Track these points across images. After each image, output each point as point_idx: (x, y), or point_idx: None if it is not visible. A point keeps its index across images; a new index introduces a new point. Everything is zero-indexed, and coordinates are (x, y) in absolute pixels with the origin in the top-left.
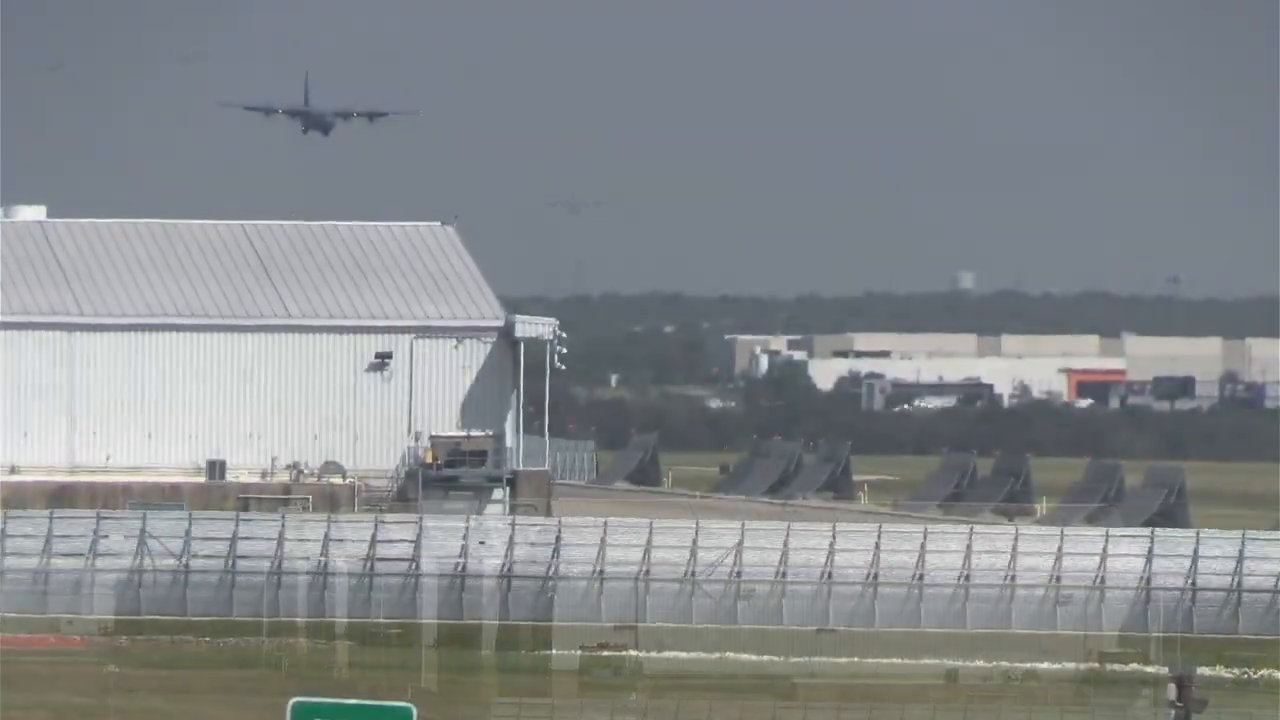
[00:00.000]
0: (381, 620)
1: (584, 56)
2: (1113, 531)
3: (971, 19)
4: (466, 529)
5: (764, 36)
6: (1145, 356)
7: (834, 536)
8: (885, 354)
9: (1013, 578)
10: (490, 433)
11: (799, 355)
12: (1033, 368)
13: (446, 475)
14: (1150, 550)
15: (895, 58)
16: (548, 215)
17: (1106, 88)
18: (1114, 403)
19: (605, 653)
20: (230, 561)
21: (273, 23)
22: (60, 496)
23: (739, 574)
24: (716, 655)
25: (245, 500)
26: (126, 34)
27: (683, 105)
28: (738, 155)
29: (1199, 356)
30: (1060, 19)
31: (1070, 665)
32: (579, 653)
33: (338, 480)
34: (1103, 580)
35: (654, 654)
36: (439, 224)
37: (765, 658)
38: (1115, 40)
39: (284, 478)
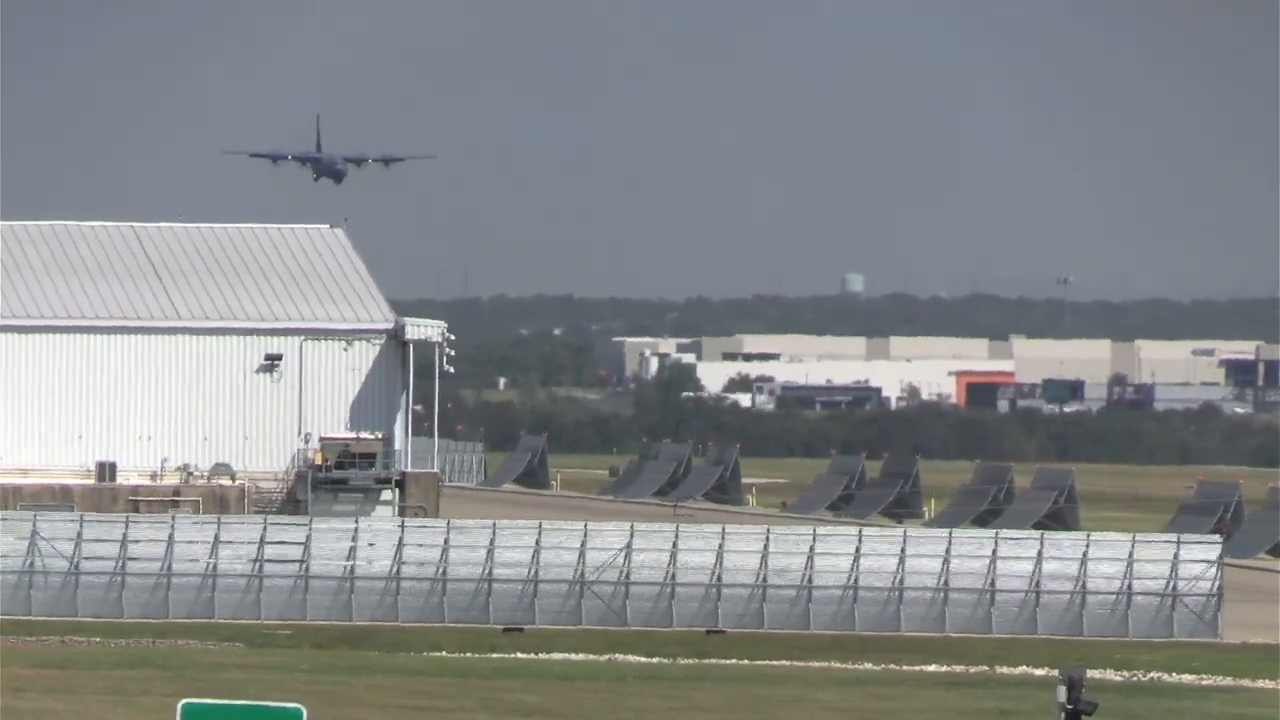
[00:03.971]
0: (270, 622)
1: (478, 56)
2: (1002, 534)
3: (858, 18)
4: (355, 530)
5: (650, 36)
6: (1034, 359)
7: (723, 539)
8: (774, 356)
9: (901, 580)
10: (379, 435)
11: (688, 358)
12: (922, 370)
13: (336, 477)
14: (1040, 553)
15: (782, 58)
16: (437, 218)
17: (993, 89)
18: (1003, 405)
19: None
20: (120, 563)
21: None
22: None
23: (627, 576)
24: (606, 658)
25: (135, 502)
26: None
27: (571, 107)
28: (626, 157)
29: (1088, 359)
30: (951, 21)
31: (959, 668)
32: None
33: (227, 482)
34: (992, 583)
35: (542, 655)
36: (328, 226)
37: (655, 660)
38: (1003, 41)
39: (174, 479)
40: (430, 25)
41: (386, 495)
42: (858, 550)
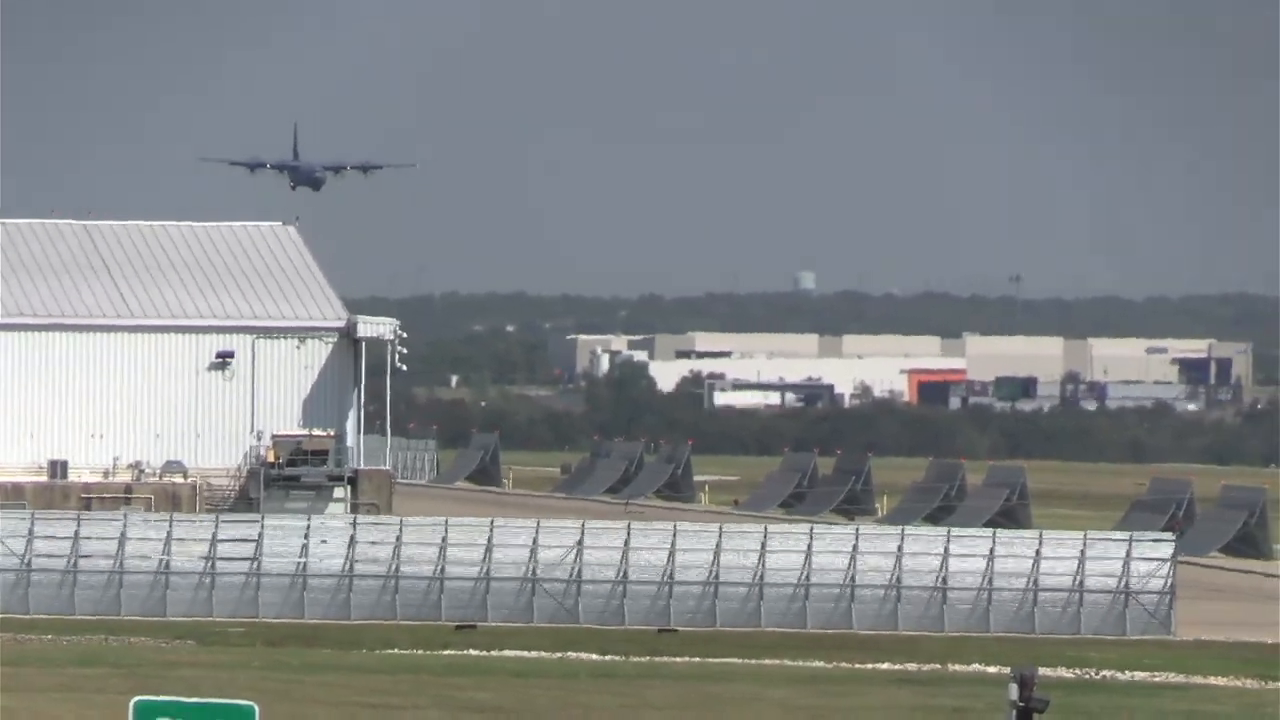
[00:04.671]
0: (223, 619)
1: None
2: (954, 531)
3: (811, 17)
4: (307, 528)
5: (601, 36)
6: (986, 356)
7: (675, 536)
8: (726, 354)
9: (853, 578)
10: (331, 432)
11: (640, 355)
12: (874, 368)
13: (288, 474)
14: (992, 550)
15: (733, 56)
16: (390, 215)
17: (946, 87)
18: (955, 403)
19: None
20: (72, 560)
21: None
22: None
23: (579, 574)
24: (558, 655)
25: (87, 500)
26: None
27: (523, 104)
28: (578, 154)
29: (1040, 356)
30: (903, 20)
31: (911, 666)
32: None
33: (179, 479)
34: (944, 580)
35: (494, 652)
36: (280, 224)
37: (607, 657)
38: (955, 40)
39: (126, 477)
40: (387, 32)
41: (339, 493)
42: (809, 548)
